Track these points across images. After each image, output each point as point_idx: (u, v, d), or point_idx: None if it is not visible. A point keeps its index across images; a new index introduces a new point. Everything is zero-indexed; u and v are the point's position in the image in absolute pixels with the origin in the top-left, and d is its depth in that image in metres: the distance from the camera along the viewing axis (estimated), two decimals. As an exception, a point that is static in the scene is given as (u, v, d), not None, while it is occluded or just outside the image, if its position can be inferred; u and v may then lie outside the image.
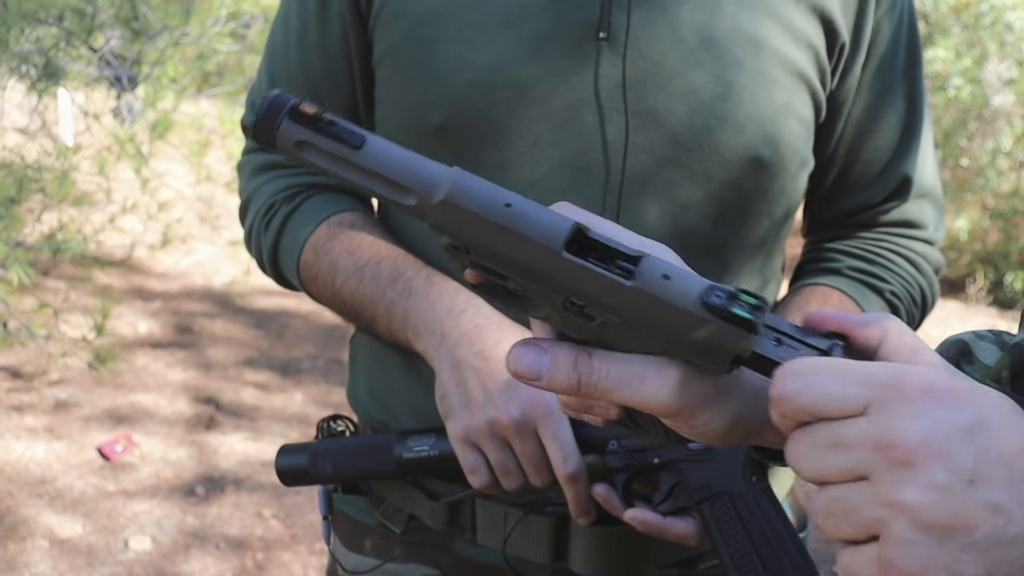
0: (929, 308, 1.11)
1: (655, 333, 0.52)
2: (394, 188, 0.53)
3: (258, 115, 0.53)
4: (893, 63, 1.04)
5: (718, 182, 0.96)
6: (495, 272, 0.54)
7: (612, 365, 0.53)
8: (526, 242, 0.51)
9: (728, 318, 0.50)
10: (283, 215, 1.06)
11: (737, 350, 0.50)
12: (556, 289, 0.52)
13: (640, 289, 0.50)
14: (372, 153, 0.53)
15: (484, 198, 0.52)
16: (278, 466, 0.99)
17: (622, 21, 0.93)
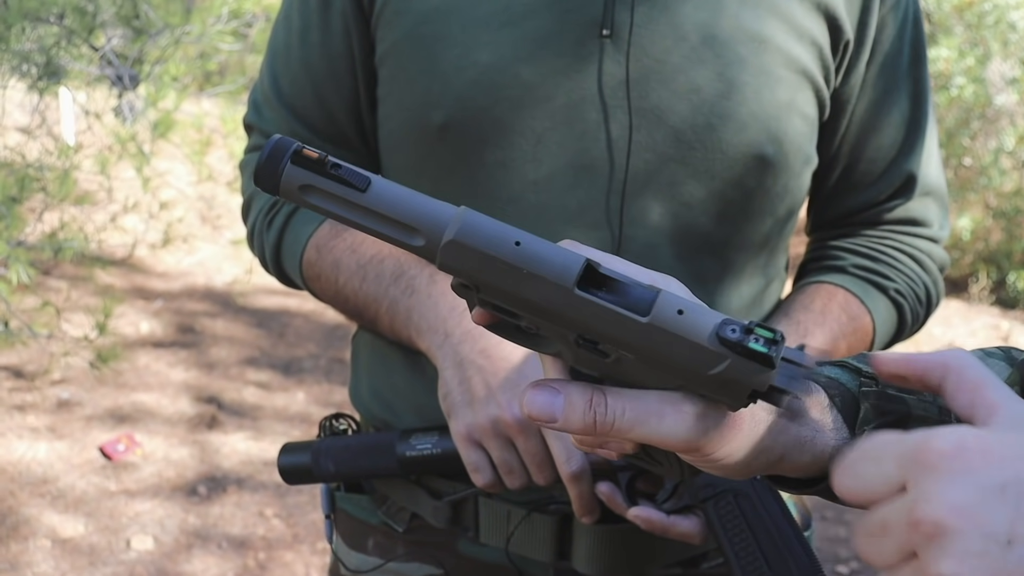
0: (934, 306, 1.11)
1: (670, 369, 0.51)
2: (402, 229, 0.52)
3: (260, 161, 0.53)
4: (898, 60, 1.04)
5: (721, 180, 0.95)
6: (506, 311, 0.53)
7: (628, 403, 0.53)
8: (538, 280, 0.51)
9: (744, 353, 0.49)
10: (285, 214, 1.05)
11: (754, 385, 0.50)
12: (569, 327, 0.52)
13: (655, 325, 0.50)
14: (378, 195, 0.52)
15: (494, 237, 0.51)
16: (280, 464, 0.99)
17: (625, 19, 0.92)
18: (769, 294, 1.06)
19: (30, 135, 3.44)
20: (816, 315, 1.02)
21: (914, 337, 1.08)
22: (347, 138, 1.06)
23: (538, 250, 0.51)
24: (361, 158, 1.07)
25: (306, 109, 1.05)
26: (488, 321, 0.56)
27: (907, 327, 1.09)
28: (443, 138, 0.96)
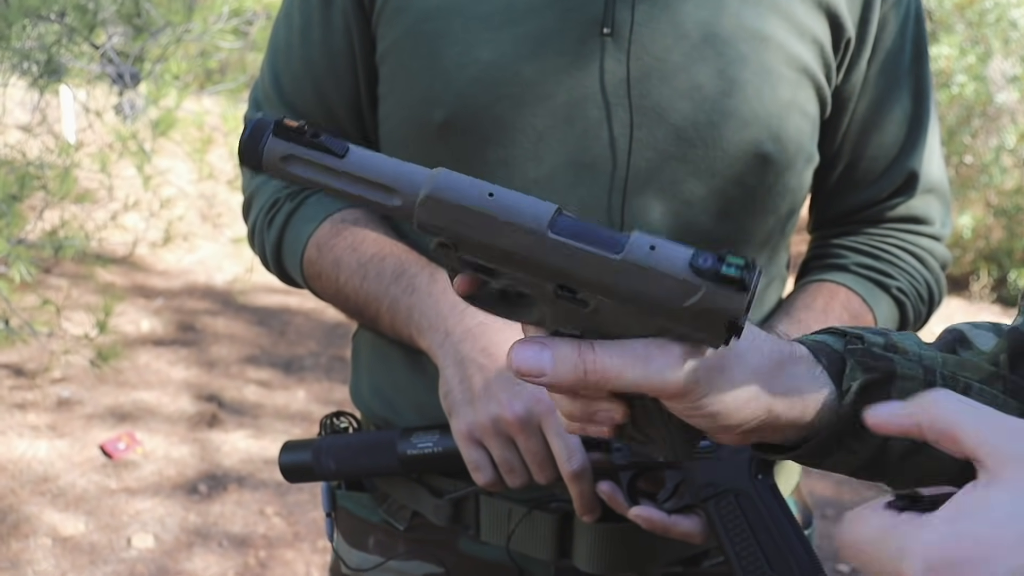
0: (936, 304, 1.10)
1: (648, 306, 0.52)
2: (380, 190, 0.54)
3: (243, 139, 0.55)
4: (899, 58, 1.03)
5: (722, 178, 0.95)
6: (485, 269, 0.54)
7: (614, 349, 0.53)
8: (512, 228, 0.52)
9: (717, 279, 0.50)
10: (286, 212, 1.05)
11: (730, 312, 0.50)
12: (546, 276, 0.53)
13: (628, 261, 0.51)
14: (356, 160, 0.54)
15: (468, 190, 0.53)
16: (281, 462, 0.99)
17: (626, 17, 0.92)
18: (770, 292, 1.06)
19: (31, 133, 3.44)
20: (818, 313, 1.01)
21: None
22: (348, 136, 1.05)
23: (511, 199, 0.53)
24: None
25: (307, 107, 1.05)
26: (469, 288, 0.56)
27: (909, 325, 1.08)
28: (444, 136, 0.96)
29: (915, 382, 0.61)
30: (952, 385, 0.62)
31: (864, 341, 0.63)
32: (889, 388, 0.61)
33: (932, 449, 0.59)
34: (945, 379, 0.62)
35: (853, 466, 0.62)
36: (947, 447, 0.47)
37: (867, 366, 0.61)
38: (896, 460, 0.62)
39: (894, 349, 0.63)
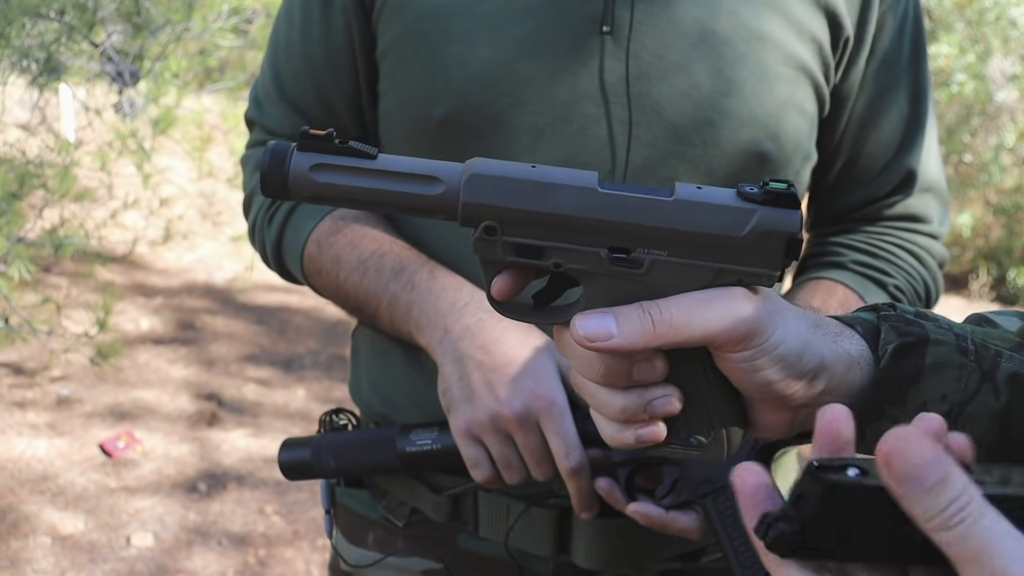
0: (933, 302, 1.11)
1: (707, 245, 0.52)
2: (420, 181, 0.53)
3: (264, 169, 0.53)
4: (897, 57, 1.04)
5: (720, 176, 0.95)
6: (533, 250, 0.53)
7: (678, 300, 0.53)
8: (563, 190, 0.51)
9: (769, 198, 0.51)
10: (287, 209, 1.05)
11: (788, 227, 0.51)
12: (601, 234, 0.52)
13: (681, 200, 0.51)
14: (388, 159, 0.53)
15: (510, 166, 0.53)
16: (281, 460, 0.99)
17: (625, 15, 0.92)
18: None
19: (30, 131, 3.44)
20: None
21: None
22: (348, 134, 1.06)
23: (554, 170, 0.53)
24: None
25: (307, 104, 1.05)
26: (511, 287, 0.55)
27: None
28: (443, 133, 0.96)
29: (947, 347, 0.62)
30: (983, 351, 0.62)
31: (896, 309, 0.64)
32: (924, 351, 0.61)
33: (967, 418, 0.60)
34: (976, 345, 0.62)
35: None
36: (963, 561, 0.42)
37: (901, 331, 0.61)
38: None
39: (925, 317, 0.64)
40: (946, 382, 0.61)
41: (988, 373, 0.61)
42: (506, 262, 0.54)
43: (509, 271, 0.55)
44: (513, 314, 0.56)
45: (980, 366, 0.61)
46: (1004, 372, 0.61)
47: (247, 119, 1.12)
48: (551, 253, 0.53)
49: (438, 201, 0.53)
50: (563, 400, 0.86)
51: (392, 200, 0.54)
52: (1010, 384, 0.61)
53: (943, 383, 0.61)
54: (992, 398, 0.61)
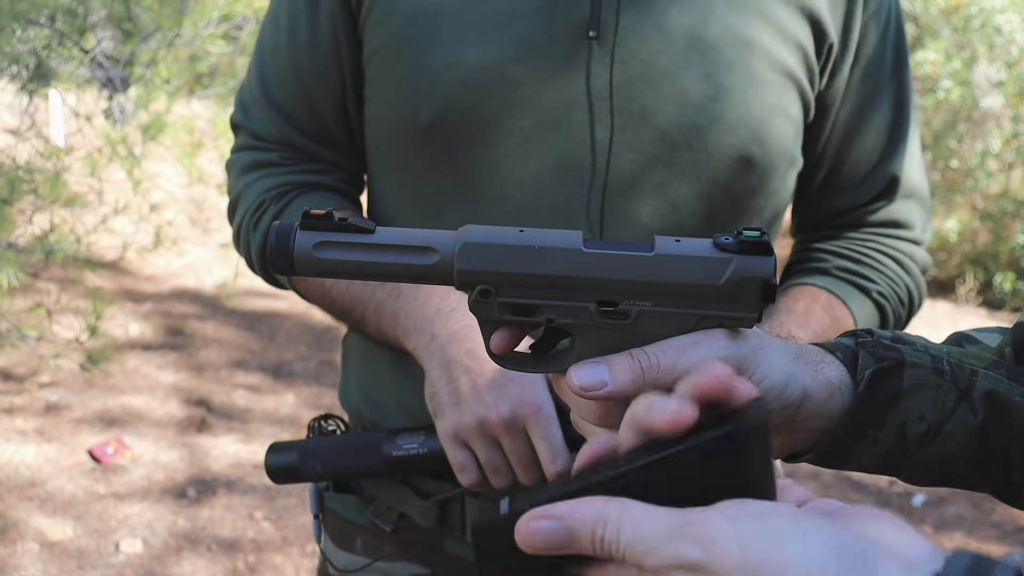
0: (916, 308, 1.12)
1: (686, 295, 0.55)
2: (416, 252, 0.56)
3: (270, 248, 0.56)
4: (881, 64, 1.05)
5: (707, 181, 0.96)
6: (526, 308, 0.56)
7: (664, 347, 0.56)
8: (550, 252, 0.55)
9: (743, 248, 0.54)
10: (272, 214, 1.06)
11: (762, 274, 0.54)
12: (588, 290, 0.55)
13: (661, 255, 0.54)
14: (385, 233, 0.57)
15: (499, 232, 0.56)
16: (268, 464, 1.00)
17: (611, 21, 0.93)
18: None
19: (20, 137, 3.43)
20: (799, 317, 1.03)
21: None
22: (334, 137, 1.06)
23: (541, 232, 0.56)
24: (348, 157, 1.08)
25: (294, 108, 1.06)
26: (509, 343, 0.58)
27: (889, 328, 1.10)
28: (430, 136, 0.97)
29: (924, 369, 0.64)
30: (959, 371, 0.65)
31: (873, 335, 0.67)
32: (901, 374, 0.64)
33: (945, 436, 0.62)
34: (952, 366, 0.65)
35: (876, 457, 0.65)
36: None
37: (878, 356, 0.64)
38: (915, 448, 0.64)
39: (901, 341, 0.66)
40: (923, 402, 0.63)
41: (964, 392, 0.64)
42: (502, 320, 0.57)
43: (505, 328, 0.58)
44: (512, 365, 0.59)
45: (956, 386, 0.64)
46: (980, 390, 0.64)
47: (233, 123, 1.12)
48: (543, 310, 0.56)
49: (434, 269, 0.56)
50: (550, 405, 0.87)
51: (391, 271, 0.57)
52: (986, 401, 0.64)
53: (921, 404, 0.63)
54: (969, 415, 0.63)
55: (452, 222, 0.97)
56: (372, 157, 1.06)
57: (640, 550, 0.44)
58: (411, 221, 1.02)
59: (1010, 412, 0.63)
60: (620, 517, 0.45)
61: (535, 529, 0.46)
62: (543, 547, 0.46)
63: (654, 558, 0.44)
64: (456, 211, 0.98)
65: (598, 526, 0.45)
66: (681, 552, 0.43)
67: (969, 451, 0.64)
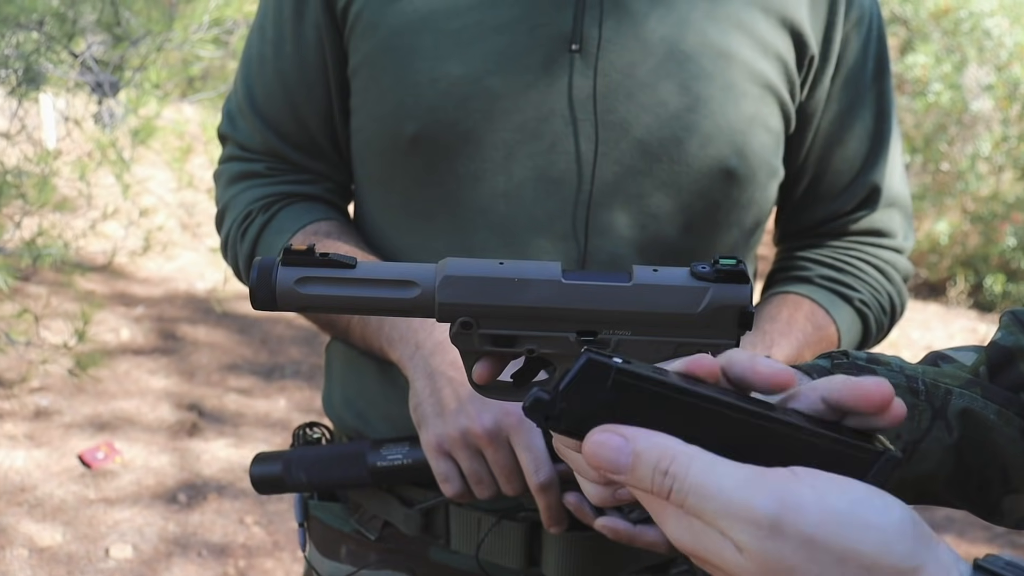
0: (898, 316, 1.13)
1: (666, 323, 0.55)
2: (397, 286, 0.57)
3: (252, 284, 0.57)
4: (862, 74, 1.06)
5: (688, 192, 0.97)
6: (507, 339, 0.57)
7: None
8: (530, 284, 0.55)
9: (719, 276, 0.55)
10: (259, 224, 1.06)
11: (739, 301, 0.55)
12: (569, 321, 0.56)
13: (640, 284, 0.55)
14: (366, 268, 0.57)
15: (479, 264, 0.57)
16: (252, 474, 1.00)
17: (594, 34, 0.94)
18: None
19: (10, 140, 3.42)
20: (782, 325, 1.03)
21: (892, 341, 1.10)
22: (320, 148, 1.07)
23: (520, 264, 0.57)
24: (334, 168, 1.08)
25: (280, 120, 1.06)
26: (491, 373, 0.58)
27: (871, 336, 1.11)
28: (415, 149, 0.97)
29: (899, 389, 0.65)
30: (933, 390, 0.65)
31: (849, 356, 0.67)
32: None
33: (922, 454, 0.63)
34: (927, 385, 0.65)
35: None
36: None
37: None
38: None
39: (876, 362, 0.67)
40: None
41: (939, 411, 0.64)
42: (483, 351, 0.57)
43: (487, 359, 0.58)
44: (495, 395, 0.60)
45: (931, 404, 0.64)
46: (955, 408, 0.64)
47: (220, 134, 1.13)
48: (524, 340, 0.57)
49: (415, 303, 0.57)
50: None
51: (373, 305, 0.57)
52: (961, 419, 0.64)
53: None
54: (945, 433, 0.64)
55: (437, 233, 0.98)
56: (358, 168, 1.06)
57: (706, 494, 0.41)
58: (397, 232, 1.02)
59: (985, 429, 0.64)
60: (691, 457, 0.43)
61: (600, 441, 0.44)
62: (603, 464, 0.44)
63: (720, 506, 0.41)
64: (441, 222, 0.98)
65: (664, 459, 0.43)
66: (754, 503, 0.40)
67: (947, 469, 0.65)
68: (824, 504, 0.40)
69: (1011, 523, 0.67)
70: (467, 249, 0.97)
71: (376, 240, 1.05)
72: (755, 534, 0.40)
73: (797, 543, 0.40)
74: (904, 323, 5.14)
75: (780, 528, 0.40)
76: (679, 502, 0.42)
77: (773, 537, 0.40)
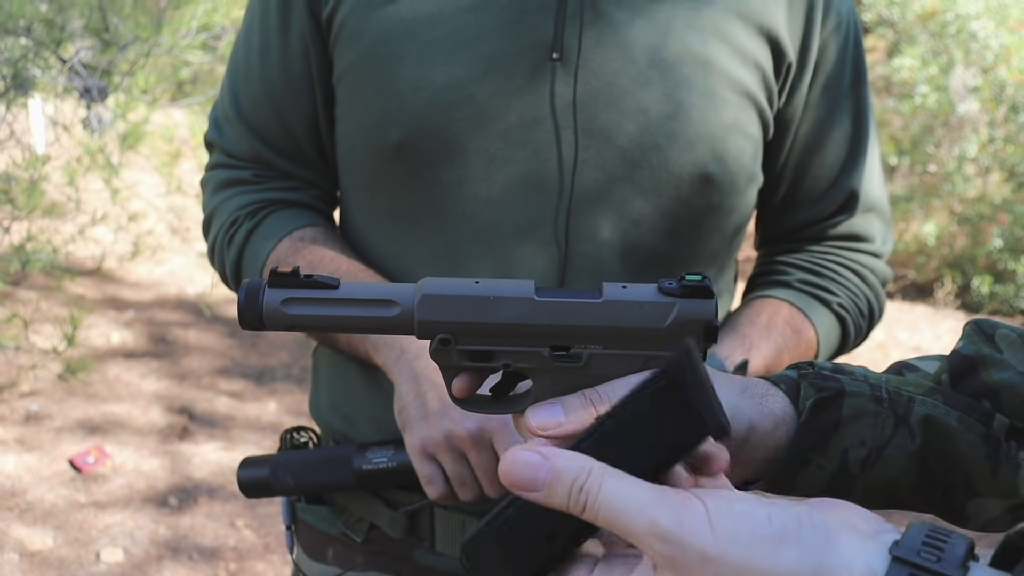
0: (876, 319, 1.14)
1: (635, 339, 0.58)
2: (379, 305, 0.59)
3: (240, 304, 0.59)
4: (839, 81, 1.07)
5: (668, 198, 0.98)
6: (484, 354, 0.60)
7: (614, 385, 0.58)
8: (504, 302, 0.58)
9: (686, 292, 0.57)
10: (246, 231, 1.07)
11: (704, 316, 0.57)
12: (542, 336, 0.58)
13: (610, 301, 0.58)
14: (348, 288, 0.60)
15: (456, 284, 0.59)
16: (240, 478, 1.01)
17: (574, 43, 0.95)
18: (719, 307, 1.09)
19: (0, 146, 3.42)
20: (762, 329, 1.05)
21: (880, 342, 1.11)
22: (306, 155, 1.08)
23: (495, 283, 0.60)
24: (320, 175, 1.10)
25: (266, 127, 1.07)
26: (470, 387, 0.61)
27: (850, 340, 1.12)
28: (399, 156, 0.98)
29: (862, 397, 0.67)
30: (896, 398, 0.68)
31: (814, 366, 0.70)
32: (840, 403, 0.67)
33: (886, 460, 0.65)
34: (890, 393, 0.68)
35: (822, 483, 0.67)
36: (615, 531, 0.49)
37: (819, 386, 0.67)
38: (857, 473, 0.67)
39: (841, 371, 0.70)
40: (863, 429, 0.66)
41: (902, 418, 0.67)
42: (462, 366, 0.60)
43: (466, 374, 0.61)
44: (474, 407, 0.62)
45: (894, 412, 0.67)
46: (917, 415, 0.67)
47: (207, 141, 1.14)
48: (500, 356, 0.60)
49: (396, 321, 0.59)
50: None
51: (356, 324, 0.60)
52: (924, 425, 0.66)
53: (860, 430, 0.66)
54: (908, 440, 0.66)
55: (422, 239, 1.00)
56: (344, 175, 1.07)
57: (618, 508, 0.46)
58: (382, 237, 1.04)
59: (947, 436, 0.66)
60: (604, 473, 0.47)
61: (521, 459, 0.48)
62: (520, 482, 0.48)
63: (630, 520, 0.46)
64: (426, 228, 1.00)
65: (581, 474, 0.47)
66: (659, 519, 0.45)
67: (911, 475, 0.67)
68: (715, 524, 0.45)
69: (976, 526, 0.68)
70: (451, 255, 0.98)
71: (362, 246, 1.06)
72: (663, 548, 0.45)
73: (699, 559, 0.45)
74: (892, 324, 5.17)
75: (682, 545, 0.45)
76: (593, 516, 0.47)
77: (679, 551, 0.45)
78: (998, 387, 0.67)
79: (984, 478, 0.66)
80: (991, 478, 0.66)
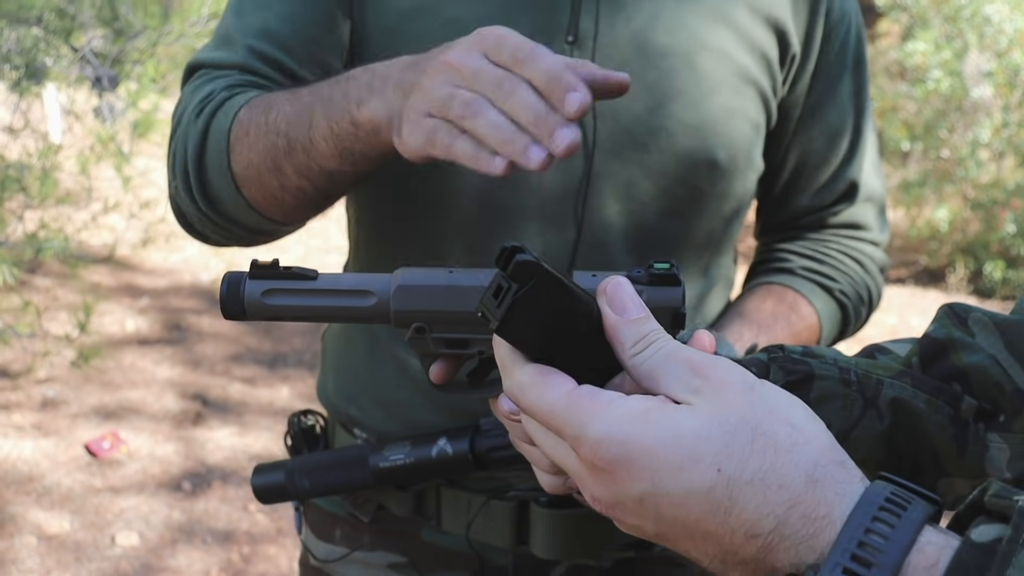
0: (875, 305, 1.16)
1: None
2: (355, 295, 0.61)
3: (222, 294, 0.61)
4: (841, 72, 1.08)
5: (672, 180, 0.99)
6: (459, 342, 0.61)
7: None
8: (475, 291, 0.60)
9: (653, 280, 0.59)
10: (220, 100, 0.94)
11: (672, 303, 0.59)
12: None
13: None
14: (326, 279, 0.62)
15: (430, 274, 0.61)
16: (255, 484, 1.02)
17: (589, 27, 0.96)
18: (713, 296, 1.10)
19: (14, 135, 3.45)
20: (768, 314, 1.06)
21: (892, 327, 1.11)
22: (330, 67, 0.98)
23: (467, 272, 0.61)
24: None
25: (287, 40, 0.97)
26: (446, 372, 0.62)
27: (851, 324, 1.14)
28: None
29: (831, 380, 0.68)
30: (865, 381, 0.69)
31: (784, 350, 0.71)
32: (809, 386, 0.67)
33: (854, 441, 0.66)
34: (859, 376, 0.68)
35: None
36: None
37: (788, 369, 0.68)
38: None
39: (811, 355, 0.70)
40: (832, 411, 0.67)
41: (871, 400, 0.68)
42: (438, 353, 0.61)
43: (442, 360, 0.62)
44: (452, 392, 0.64)
45: (863, 394, 0.68)
46: (885, 397, 0.68)
47: (189, 67, 1.02)
48: (474, 343, 0.61)
49: (372, 310, 0.61)
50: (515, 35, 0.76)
51: (334, 313, 0.62)
52: (892, 407, 0.67)
53: (829, 412, 0.67)
54: (876, 422, 0.67)
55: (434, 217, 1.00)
56: None
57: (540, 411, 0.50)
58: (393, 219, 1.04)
59: (915, 417, 0.67)
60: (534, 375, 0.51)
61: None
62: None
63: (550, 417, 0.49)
64: (437, 208, 1.00)
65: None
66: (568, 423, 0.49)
67: (878, 454, 0.68)
68: (611, 430, 0.48)
69: (948, 505, 0.70)
70: (462, 233, 0.99)
71: (370, 230, 1.07)
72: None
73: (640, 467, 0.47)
74: (904, 309, 5.16)
75: (583, 446, 0.48)
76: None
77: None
78: (968, 370, 0.68)
79: (952, 458, 0.67)
80: (958, 458, 0.67)
